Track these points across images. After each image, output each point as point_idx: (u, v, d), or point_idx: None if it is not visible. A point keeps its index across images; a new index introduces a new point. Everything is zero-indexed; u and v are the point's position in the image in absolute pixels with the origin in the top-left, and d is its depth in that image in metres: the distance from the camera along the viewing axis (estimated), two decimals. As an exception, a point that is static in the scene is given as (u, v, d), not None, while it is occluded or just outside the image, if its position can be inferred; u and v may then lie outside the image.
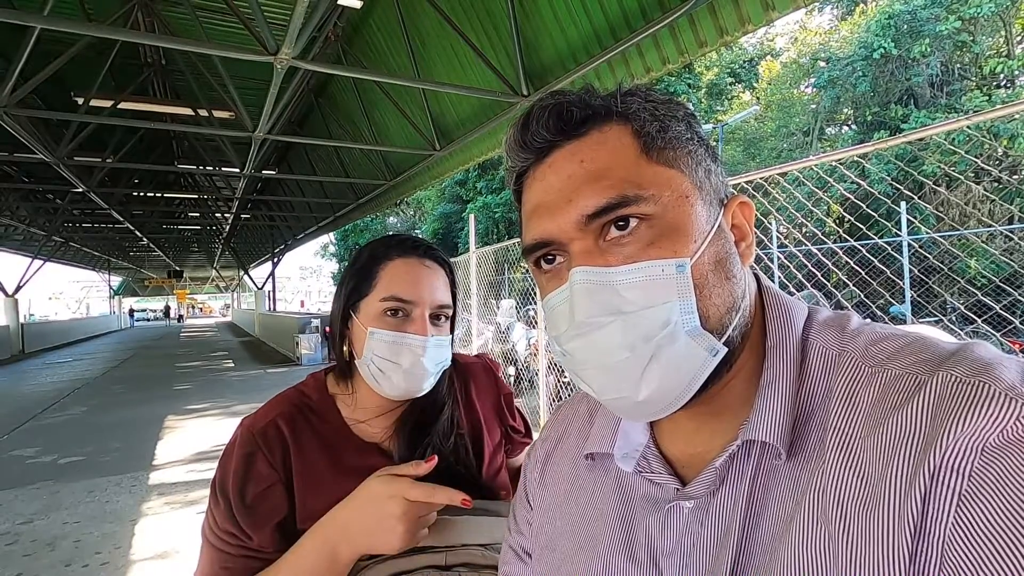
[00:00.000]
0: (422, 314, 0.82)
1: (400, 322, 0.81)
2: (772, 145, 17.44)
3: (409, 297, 0.81)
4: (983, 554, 0.29)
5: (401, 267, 0.83)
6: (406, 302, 0.81)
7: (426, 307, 0.82)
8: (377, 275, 0.83)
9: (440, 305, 0.84)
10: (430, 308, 0.82)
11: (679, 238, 0.40)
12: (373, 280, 0.83)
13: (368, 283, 0.83)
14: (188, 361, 13.32)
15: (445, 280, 0.87)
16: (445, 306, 0.85)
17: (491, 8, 4.95)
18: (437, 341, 0.83)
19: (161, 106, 7.62)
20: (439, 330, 0.84)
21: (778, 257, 8.34)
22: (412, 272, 0.83)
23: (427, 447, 0.85)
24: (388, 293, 0.81)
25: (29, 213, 13.99)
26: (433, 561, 0.74)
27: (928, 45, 12.88)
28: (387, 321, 0.81)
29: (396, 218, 32.26)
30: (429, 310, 0.82)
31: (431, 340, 0.81)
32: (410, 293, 0.81)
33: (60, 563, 2.97)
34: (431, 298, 0.83)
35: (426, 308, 0.82)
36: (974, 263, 8.01)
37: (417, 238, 0.88)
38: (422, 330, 0.81)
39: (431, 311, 0.83)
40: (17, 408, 7.62)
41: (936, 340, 0.38)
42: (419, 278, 0.82)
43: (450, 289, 0.88)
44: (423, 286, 0.82)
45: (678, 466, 0.47)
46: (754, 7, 3.25)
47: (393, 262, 0.83)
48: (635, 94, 0.44)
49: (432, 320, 0.83)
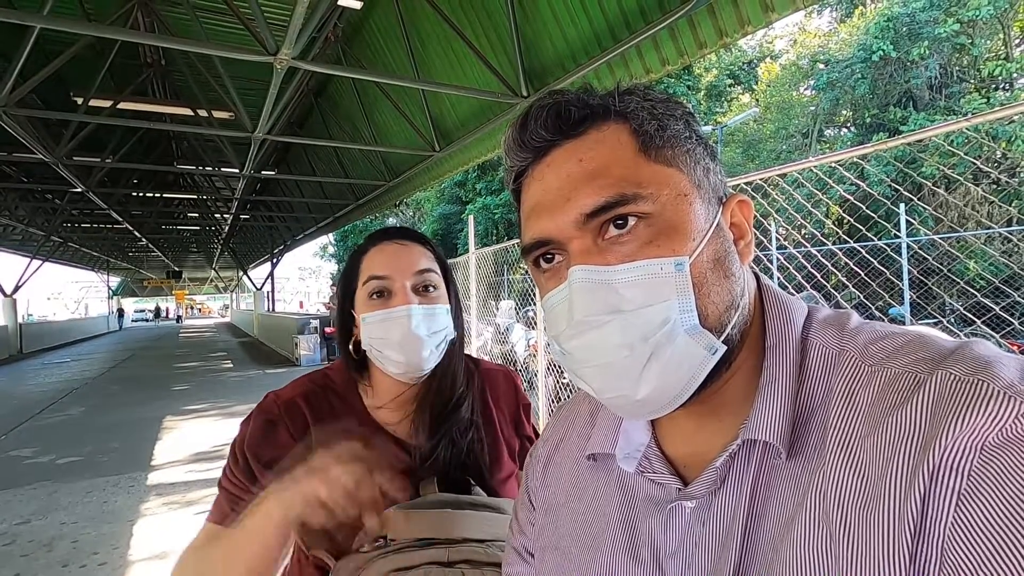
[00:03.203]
0: (402, 286, 0.86)
1: (384, 301, 0.86)
2: (771, 147, 17.45)
3: (384, 272, 0.86)
4: (983, 553, 0.28)
5: (375, 252, 0.89)
6: (383, 278, 0.86)
7: (405, 278, 0.86)
8: (359, 266, 0.90)
9: (419, 271, 0.87)
10: (410, 279, 0.87)
11: (678, 236, 0.40)
12: (357, 271, 0.90)
13: (355, 276, 0.90)
14: (187, 362, 13.31)
15: (423, 252, 0.90)
16: (425, 271, 0.88)
17: (491, 9, 4.95)
18: (425, 310, 0.86)
19: (160, 106, 7.61)
20: (427, 299, 0.88)
21: (777, 258, 8.35)
22: (385, 252, 0.89)
23: (444, 436, 0.87)
24: (366, 276, 0.87)
25: (28, 213, 13.96)
26: (435, 557, 0.74)
27: (927, 48, 12.91)
28: (373, 304, 0.86)
29: (395, 219, 32.20)
30: (409, 281, 0.87)
31: (414, 308, 0.85)
32: (384, 268, 0.87)
33: (58, 563, 2.97)
34: (407, 269, 0.87)
35: (405, 279, 0.86)
36: (973, 265, 8.02)
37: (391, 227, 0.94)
38: (404, 300, 0.85)
39: (412, 282, 0.87)
40: (15, 408, 7.61)
41: (935, 338, 0.38)
42: (393, 255, 0.88)
43: (435, 261, 0.91)
44: (396, 260, 0.87)
45: (680, 466, 0.47)
46: (753, 9, 3.25)
47: (369, 252, 0.90)
48: (633, 93, 0.44)
49: (418, 291, 0.87)
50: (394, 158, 8.90)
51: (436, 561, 0.74)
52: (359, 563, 0.75)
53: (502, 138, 0.46)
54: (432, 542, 0.76)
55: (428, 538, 0.76)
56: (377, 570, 0.73)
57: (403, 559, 0.74)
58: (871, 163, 10.31)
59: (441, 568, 0.73)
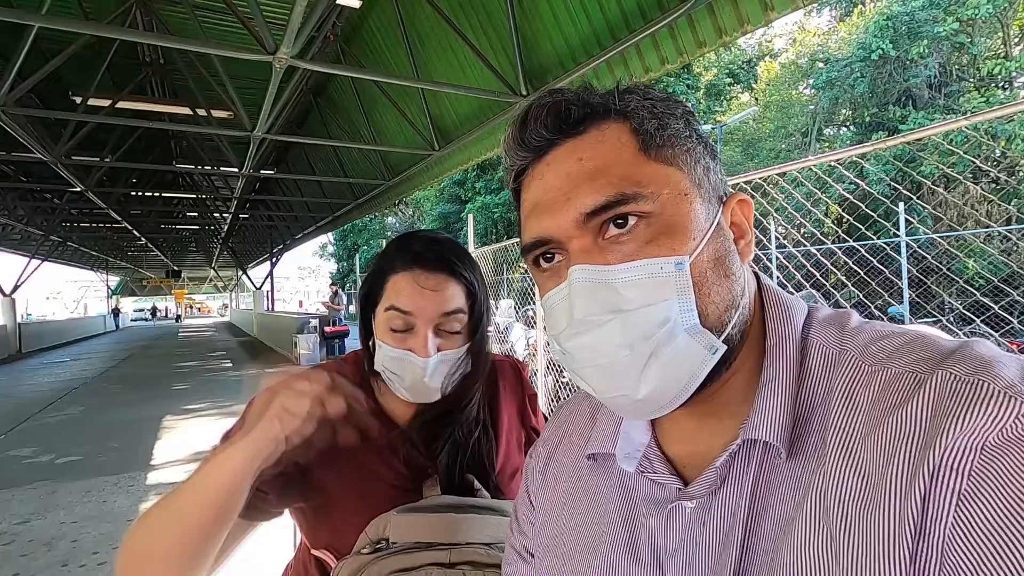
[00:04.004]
0: (423, 329, 0.80)
1: (404, 337, 0.81)
2: (770, 146, 17.46)
3: (408, 308, 0.80)
4: (983, 553, 0.28)
5: (401, 280, 0.82)
6: (406, 313, 0.80)
7: (428, 321, 0.80)
8: (385, 284, 0.84)
9: (445, 313, 0.81)
10: (433, 321, 0.81)
11: (678, 236, 0.39)
12: (382, 289, 0.84)
13: (379, 291, 0.85)
14: (186, 361, 13.30)
15: (455, 291, 0.83)
16: (453, 312, 0.82)
17: (490, 8, 4.95)
18: (441, 358, 0.81)
19: (159, 105, 7.60)
20: (449, 342, 0.82)
21: (776, 257, 8.35)
22: (411, 286, 0.81)
23: (448, 438, 0.86)
24: (389, 303, 0.82)
25: (27, 212, 13.94)
26: (437, 559, 0.74)
27: (926, 46, 12.91)
28: (392, 336, 0.81)
29: (395, 218, 32.26)
30: (432, 323, 0.81)
31: (431, 361, 0.80)
32: (409, 305, 0.80)
33: (57, 563, 2.97)
34: (433, 311, 0.81)
35: (428, 322, 0.81)
36: (972, 263, 8.02)
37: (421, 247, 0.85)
38: (423, 349, 0.80)
39: (436, 323, 0.81)
40: (14, 408, 7.60)
41: (936, 338, 0.38)
42: (419, 292, 0.81)
43: (465, 293, 0.84)
44: (423, 299, 0.81)
45: (680, 466, 0.46)
46: (753, 8, 3.25)
47: (396, 274, 0.83)
48: (633, 92, 0.43)
49: (440, 332, 0.82)
50: (393, 157, 8.89)
51: (438, 562, 0.74)
52: (360, 564, 0.75)
53: (501, 137, 0.46)
54: (434, 544, 0.76)
55: (430, 541, 0.76)
56: (378, 571, 0.73)
57: (404, 560, 0.74)
58: (870, 162, 10.31)
59: (443, 569, 0.73)
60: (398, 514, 0.79)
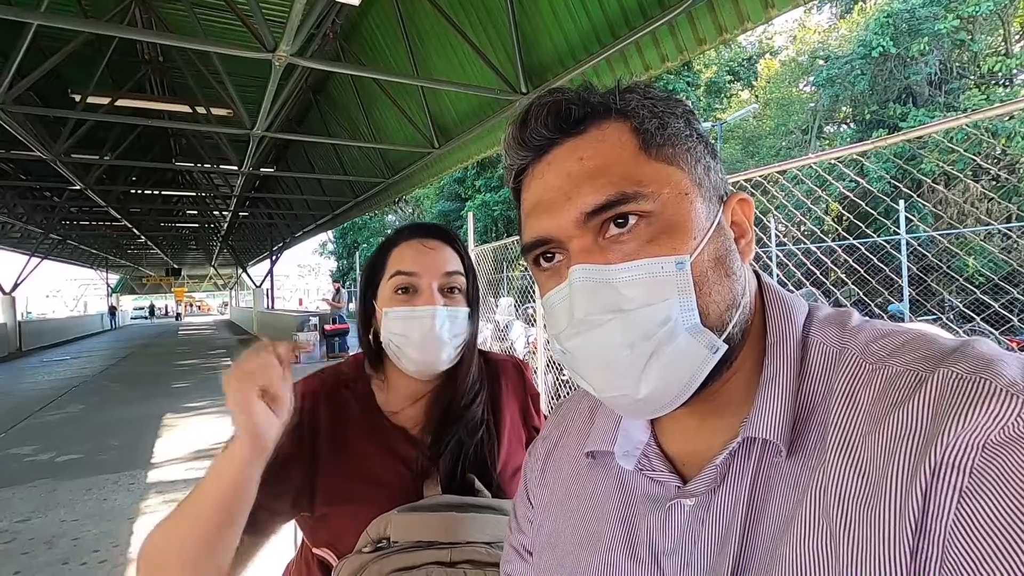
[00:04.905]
0: (429, 285, 0.86)
1: (410, 298, 0.86)
2: (771, 143, 17.45)
3: (412, 269, 0.86)
4: (983, 551, 0.28)
5: (405, 248, 0.89)
6: (410, 274, 0.86)
7: (432, 278, 0.86)
8: (387, 259, 0.89)
9: (447, 273, 0.87)
10: (437, 279, 0.86)
11: (678, 235, 0.39)
12: (385, 263, 0.90)
13: (381, 268, 0.90)
14: (186, 359, 13.31)
15: (452, 253, 0.90)
16: (453, 273, 0.88)
17: (490, 5, 4.94)
18: (449, 311, 0.85)
19: (159, 103, 7.59)
20: (452, 301, 0.88)
21: (776, 255, 8.35)
22: (415, 249, 0.88)
23: (453, 438, 0.87)
24: (394, 270, 0.87)
25: (26, 210, 13.92)
26: (438, 557, 0.74)
27: (927, 44, 12.89)
28: (398, 299, 0.86)
29: (394, 216, 32.22)
30: (436, 281, 0.86)
31: (439, 309, 0.84)
32: (413, 265, 0.86)
33: (58, 561, 2.97)
34: (436, 269, 0.87)
35: (432, 279, 0.86)
36: (972, 261, 8.02)
37: (422, 223, 0.93)
38: (430, 300, 0.85)
39: (439, 282, 0.87)
40: (15, 406, 7.61)
41: (936, 337, 0.38)
42: (422, 253, 0.87)
43: (461, 262, 0.90)
44: (427, 259, 0.87)
45: (679, 464, 0.46)
46: (753, 5, 3.24)
47: (399, 245, 0.89)
48: (634, 91, 0.43)
49: (444, 292, 0.87)
50: (393, 155, 8.88)
51: (438, 561, 0.74)
52: (362, 563, 0.75)
53: (501, 135, 0.46)
54: (435, 543, 0.76)
55: (430, 540, 0.76)
56: (379, 570, 0.73)
57: (405, 559, 0.74)
58: (871, 160, 10.29)
59: (443, 568, 0.73)
60: (399, 513, 0.79)
